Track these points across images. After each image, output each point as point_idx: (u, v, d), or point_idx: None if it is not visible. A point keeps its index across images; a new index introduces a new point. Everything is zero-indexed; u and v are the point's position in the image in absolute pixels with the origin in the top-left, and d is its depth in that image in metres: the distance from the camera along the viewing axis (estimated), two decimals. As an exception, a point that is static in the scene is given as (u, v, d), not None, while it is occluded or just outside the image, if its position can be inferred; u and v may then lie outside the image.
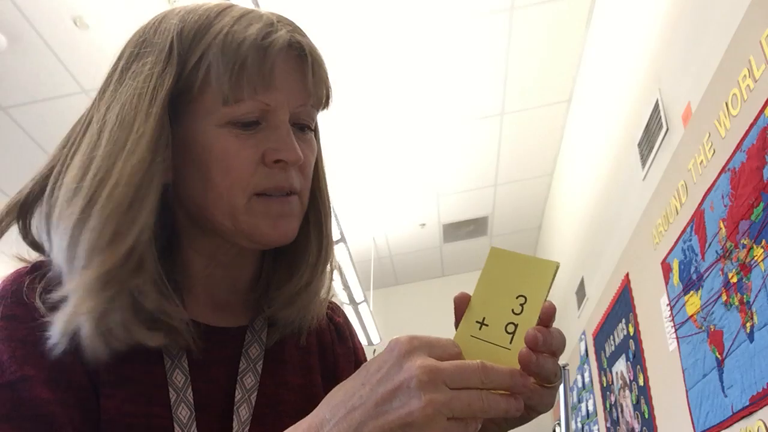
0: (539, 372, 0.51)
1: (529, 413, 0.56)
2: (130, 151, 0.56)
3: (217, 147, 0.59)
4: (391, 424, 0.44)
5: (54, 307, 0.55)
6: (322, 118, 0.72)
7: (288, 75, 0.62)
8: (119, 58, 0.63)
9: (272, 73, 0.60)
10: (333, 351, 0.76)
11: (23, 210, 0.63)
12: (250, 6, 0.66)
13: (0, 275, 0.62)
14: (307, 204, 0.67)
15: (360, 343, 0.81)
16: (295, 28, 0.64)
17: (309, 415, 0.49)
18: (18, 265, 0.63)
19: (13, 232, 0.63)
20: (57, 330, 0.54)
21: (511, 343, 0.51)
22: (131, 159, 0.56)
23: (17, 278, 0.60)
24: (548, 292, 0.53)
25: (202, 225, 0.64)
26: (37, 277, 0.60)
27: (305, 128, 0.65)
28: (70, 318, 0.54)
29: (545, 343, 0.50)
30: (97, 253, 0.54)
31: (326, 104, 0.68)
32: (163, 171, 0.59)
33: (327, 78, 0.66)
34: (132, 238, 0.55)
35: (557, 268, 0.54)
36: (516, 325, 0.52)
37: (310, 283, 0.68)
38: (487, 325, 0.52)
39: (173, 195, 0.64)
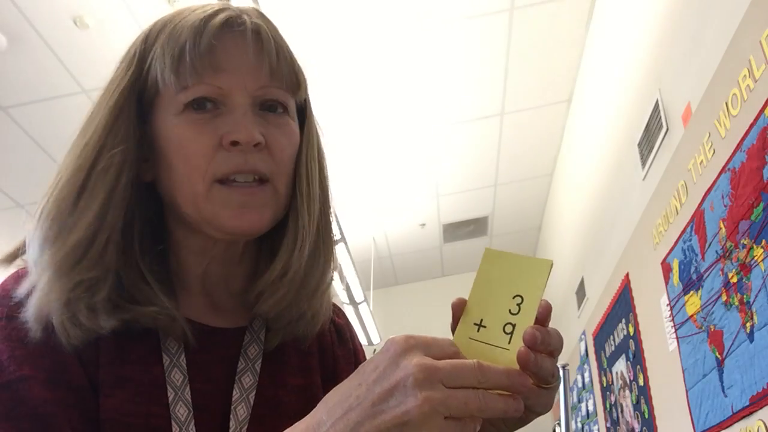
0: (537, 372, 0.50)
1: (527, 415, 0.56)
2: (82, 147, 0.59)
3: (175, 135, 0.61)
4: (387, 423, 0.43)
5: (28, 295, 0.58)
6: (323, 118, 0.71)
7: (238, 56, 0.61)
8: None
9: (213, 54, 0.60)
10: (333, 352, 0.75)
11: None
12: (250, 6, 0.66)
13: (1, 277, 0.63)
14: (289, 191, 0.65)
15: (360, 345, 0.81)
16: (243, 11, 0.63)
17: (306, 417, 0.49)
18: (20, 265, 0.63)
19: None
20: (31, 315, 0.57)
21: (509, 343, 0.51)
22: (81, 154, 0.59)
23: (17, 279, 0.60)
24: (543, 290, 0.53)
25: (184, 221, 0.64)
26: None
27: (276, 109, 0.64)
28: (39, 304, 0.56)
29: (543, 341, 0.50)
30: (47, 246, 0.57)
31: (298, 86, 0.65)
32: (120, 165, 0.59)
33: (289, 57, 0.64)
34: (79, 232, 0.57)
35: (551, 266, 0.53)
36: (514, 325, 0.51)
37: (286, 272, 0.64)
38: (485, 327, 0.52)
39: (160, 194, 0.65)
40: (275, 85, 0.63)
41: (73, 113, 3.18)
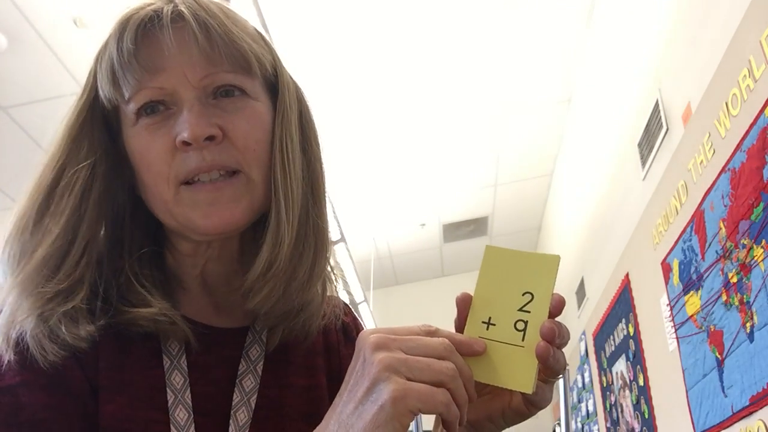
0: (554, 366, 0.51)
1: (529, 408, 0.56)
2: (43, 167, 0.59)
3: (136, 145, 0.60)
4: (361, 397, 0.45)
5: None
6: (322, 117, 0.69)
7: (172, 51, 0.57)
8: None
9: (142, 56, 0.57)
10: (338, 352, 0.74)
11: None
12: (250, 7, 0.65)
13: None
14: (268, 178, 0.61)
15: None
16: (177, 2, 0.59)
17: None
18: None
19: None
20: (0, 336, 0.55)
21: (523, 340, 0.50)
22: (42, 174, 0.59)
23: None
24: (554, 285, 0.53)
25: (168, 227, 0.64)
26: None
27: (232, 93, 0.59)
28: (5, 325, 0.55)
29: (560, 335, 0.51)
30: (10, 267, 0.57)
31: (248, 64, 0.60)
32: (86, 180, 0.59)
33: (228, 37, 0.58)
34: (44, 250, 0.56)
35: (559, 261, 0.54)
36: (526, 322, 0.51)
37: (270, 266, 0.60)
38: (494, 325, 0.52)
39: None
40: (220, 69, 0.58)
41: (73, 113, 3.17)
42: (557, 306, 0.52)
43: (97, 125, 0.61)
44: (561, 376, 0.54)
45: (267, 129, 0.61)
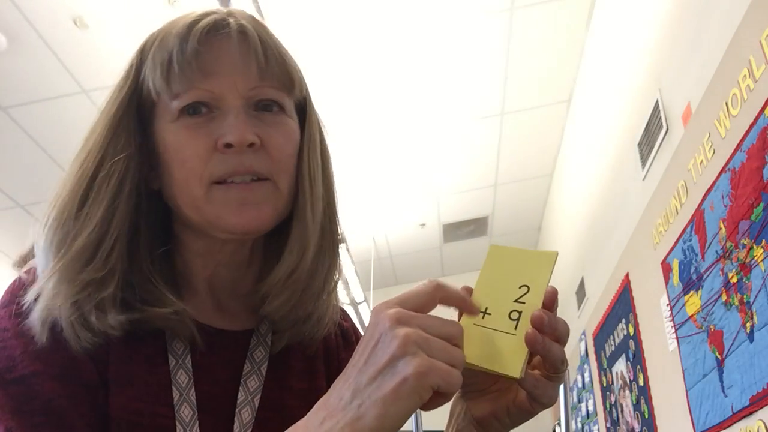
0: (546, 355, 0.52)
1: (533, 406, 0.57)
2: (84, 156, 0.61)
3: (172, 140, 0.61)
4: (379, 368, 0.45)
5: (35, 300, 0.58)
6: (322, 116, 0.71)
7: (225, 59, 0.61)
8: None
9: (200, 58, 0.60)
10: (338, 356, 0.75)
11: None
12: (251, 7, 0.67)
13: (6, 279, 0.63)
14: (292, 190, 0.64)
15: None
16: (231, 13, 0.64)
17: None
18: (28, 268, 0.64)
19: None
20: (36, 320, 0.57)
21: (516, 328, 0.52)
22: (84, 163, 0.60)
23: (25, 282, 0.61)
24: (549, 279, 0.54)
25: (189, 225, 0.65)
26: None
27: (271, 108, 0.63)
28: (45, 308, 0.56)
29: (550, 324, 0.51)
30: (52, 253, 0.58)
31: (292, 84, 0.65)
32: (122, 173, 0.60)
33: (279, 56, 0.64)
34: (84, 238, 0.58)
35: (556, 256, 0.55)
36: (520, 312, 0.53)
37: (291, 273, 0.64)
38: (489, 314, 0.53)
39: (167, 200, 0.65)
40: (267, 84, 0.63)
41: (73, 113, 3.17)
42: (549, 297, 0.54)
43: (133, 117, 0.63)
44: (561, 372, 0.55)
45: (296, 145, 0.65)
